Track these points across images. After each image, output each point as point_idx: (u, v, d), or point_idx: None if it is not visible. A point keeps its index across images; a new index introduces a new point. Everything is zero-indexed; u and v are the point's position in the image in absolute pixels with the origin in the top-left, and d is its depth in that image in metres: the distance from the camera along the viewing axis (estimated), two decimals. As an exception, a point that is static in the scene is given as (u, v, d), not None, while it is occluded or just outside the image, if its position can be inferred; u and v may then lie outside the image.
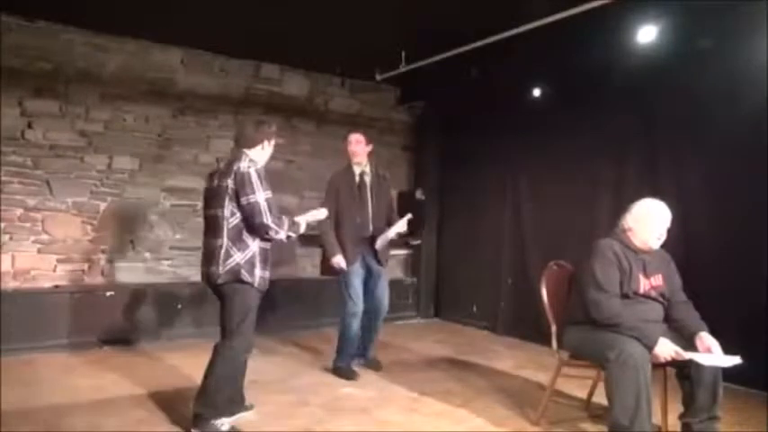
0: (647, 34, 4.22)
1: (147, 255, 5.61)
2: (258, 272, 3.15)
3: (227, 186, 3.10)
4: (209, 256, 3.16)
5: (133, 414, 3.40)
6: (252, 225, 3.09)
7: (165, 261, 5.69)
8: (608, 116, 4.88)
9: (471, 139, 6.20)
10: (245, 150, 3.25)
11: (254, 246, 3.15)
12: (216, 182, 3.21)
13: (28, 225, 5.08)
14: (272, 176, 5.99)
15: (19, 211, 5.04)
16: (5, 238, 4.98)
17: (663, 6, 4.06)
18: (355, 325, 4.23)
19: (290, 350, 5.05)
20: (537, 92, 5.40)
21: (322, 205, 4.27)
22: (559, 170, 5.33)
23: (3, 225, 4.96)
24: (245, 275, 3.10)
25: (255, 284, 3.15)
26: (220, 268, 3.09)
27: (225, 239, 3.10)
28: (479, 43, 4.81)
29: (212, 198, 3.21)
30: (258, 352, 4.81)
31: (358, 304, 4.22)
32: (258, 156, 3.28)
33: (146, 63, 5.55)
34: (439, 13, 4.46)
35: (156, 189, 5.64)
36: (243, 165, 3.11)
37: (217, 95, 5.90)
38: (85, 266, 5.33)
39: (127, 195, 5.50)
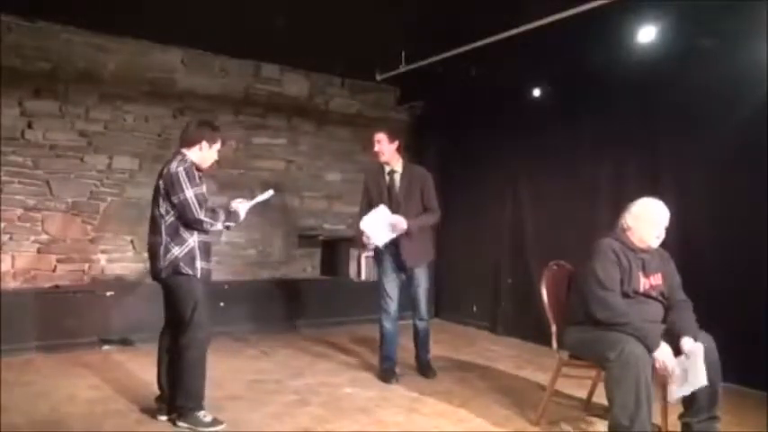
0: (647, 34, 4.22)
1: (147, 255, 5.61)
2: (199, 264, 3.22)
3: (159, 186, 3.22)
4: (152, 254, 3.27)
5: (133, 414, 3.40)
6: (186, 222, 3.18)
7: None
8: (608, 116, 4.87)
9: (471, 138, 6.20)
10: (183, 150, 3.29)
11: (193, 240, 3.21)
12: (157, 180, 3.28)
13: (28, 225, 5.09)
14: (272, 177, 6.07)
15: (19, 211, 5.04)
16: (5, 238, 4.98)
17: (663, 6, 4.06)
18: (387, 324, 4.20)
19: (290, 350, 5.04)
20: (537, 92, 5.40)
21: (360, 205, 4.37)
22: (559, 170, 5.33)
23: (3, 225, 4.96)
24: (183, 268, 3.18)
25: (198, 275, 3.22)
26: (161, 263, 3.20)
27: (164, 236, 3.20)
28: (479, 43, 4.81)
29: (154, 196, 3.30)
30: (258, 352, 4.86)
31: (389, 303, 4.20)
32: (197, 157, 3.29)
33: (146, 63, 5.56)
34: (439, 13, 4.47)
35: (155, 189, 5.64)
36: (173, 165, 3.19)
37: (217, 95, 5.90)
38: (85, 266, 5.33)
39: (127, 195, 5.50)
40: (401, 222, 4.04)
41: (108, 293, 5.05)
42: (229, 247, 5.97)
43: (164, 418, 3.29)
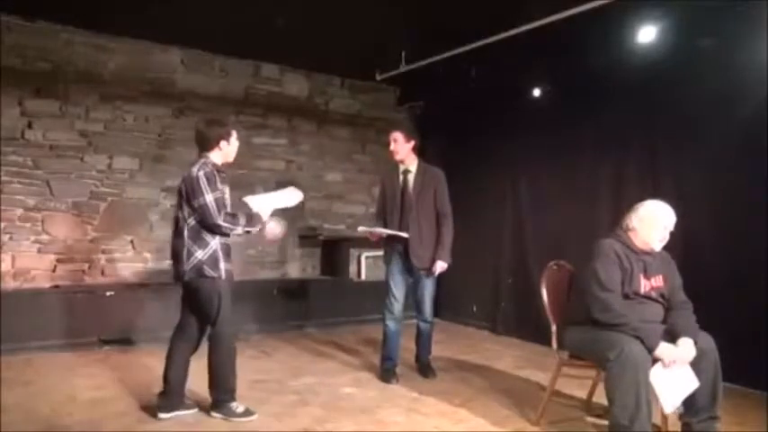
0: (647, 34, 4.22)
1: (147, 255, 5.62)
2: (222, 265, 3.30)
3: (181, 189, 3.31)
4: (176, 256, 3.34)
5: (133, 414, 3.40)
6: (206, 226, 3.25)
7: (166, 261, 5.67)
8: (608, 116, 4.87)
9: (471, 139, 6.20)
10: (206, 154, 3.37)
11: (215, 243, 3.29)
12: (180, 184, 3.37)
13: (28, 225, 5.09)
14: (272, 177, 6.06)
15: (19, 211, 5.04)
16: (5, 238, 4.98)
17: (663, 6, 4.06)
18: (390, 324, 4.20)
19: (290, 350, 5.05)
20: (537, 92, 5.40)
21: (376, 207, 4.42)
22: (559, 170, 5.33)
23: (3, 225, 4.96)
24: (208, 271, 3.26)
25: (222, 277, 3.30)
26: (185, 266, 3.26)
27: (186, 239, 3.27)
28: (479, 43, 4.81)
29: (177, 201, 3.38)
30: (259, 352, 4.86)
31: (393, 303, 4.20)
32: (220, 156, 3.39)
33: (146, 63, 5.56)
34: (439, 13, 4.47)
35: (156, 189, 5.65)
36: (194, 169, 3.26)
37: (217, 95, 5.90)
38: (85, 266, 5.33)
39: (127, 195, 5.50)
40: (442, 266, 4.13)
41: (108, 293, 5.05)
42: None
43: (165, 415, 3.30)
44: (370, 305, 5.17)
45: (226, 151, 3.40)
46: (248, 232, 3.46)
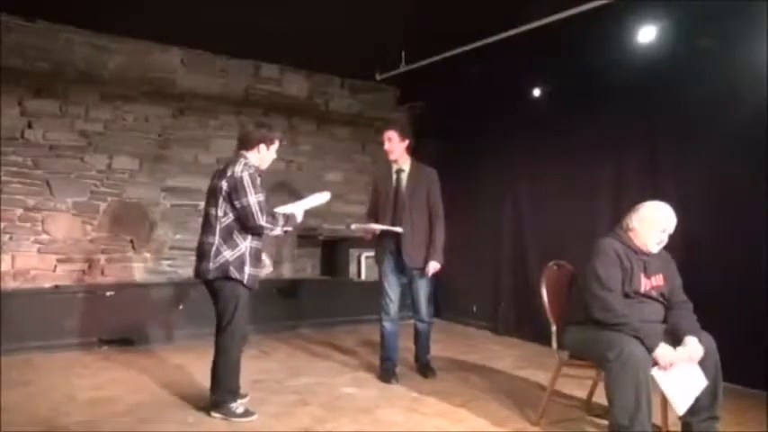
0: (647, 34, 4.22)
1: (147, 255, 5.62)
2: (248, 269, 3.31)
3: (221, 187, 3.28)
4: (202, 253, 3.34)
5: (133, 414, 3.40)
6: (246, 226, 3.27)
7: (166, 261, 5.69)
8: (608, 116, 4.86)
9: (471, 138, 6.20)
10: (243, 152, 3.41)
11: (244, 245, 3.31)
12: (215, 181, 3.38)
13: (28, 225, 5.09)
14: (272, 177, 6.06)
15: (19, 211, 5.04)
16: (5, 238, 4.98)
17: (663, 6, 4.06)
18: (387, 324, 4.20)
19: (290, 350, 5.05)
20: (537, 92, 5.40)
21: (369, 205, 4.45)
22: (559, 170, 5.33)
23: (3, 225, 4.96)
24: (233, 272, 3.27)
25: (245, 281, 3.31)
26: (210, 264, 3.27)
27: (217, 237, 3.28)
28: (479, 43, 4.81)
29: (210, 196, 3.38)
30: (258, 352, 4.86)
31: (388, 303, 4.19)
32: (255, 158, 3.43)
33: (146, 63, 5.56)
34: (439, 13, 4.47)
35: (156, 189, 5.65)
36: (237, 169, 3.27)
37: (217, 95, 5.91)
38: (85, 266, 5.33)
39: (127, 195, 5.50)
40: (435, 267, 4.10)
41: (108, 293, 5.05)
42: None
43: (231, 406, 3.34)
44: (370, 305, 5.14)
45: (263, 155, 3.45)
46: (286, 232, 3.53)
